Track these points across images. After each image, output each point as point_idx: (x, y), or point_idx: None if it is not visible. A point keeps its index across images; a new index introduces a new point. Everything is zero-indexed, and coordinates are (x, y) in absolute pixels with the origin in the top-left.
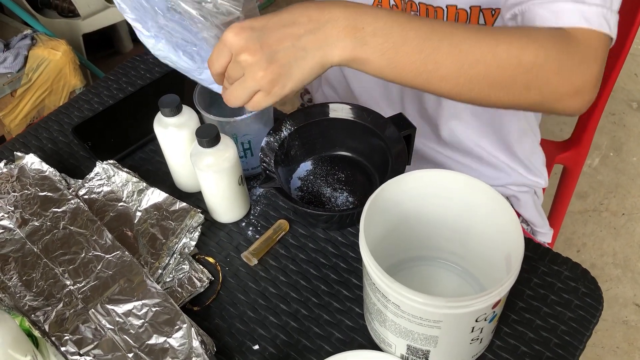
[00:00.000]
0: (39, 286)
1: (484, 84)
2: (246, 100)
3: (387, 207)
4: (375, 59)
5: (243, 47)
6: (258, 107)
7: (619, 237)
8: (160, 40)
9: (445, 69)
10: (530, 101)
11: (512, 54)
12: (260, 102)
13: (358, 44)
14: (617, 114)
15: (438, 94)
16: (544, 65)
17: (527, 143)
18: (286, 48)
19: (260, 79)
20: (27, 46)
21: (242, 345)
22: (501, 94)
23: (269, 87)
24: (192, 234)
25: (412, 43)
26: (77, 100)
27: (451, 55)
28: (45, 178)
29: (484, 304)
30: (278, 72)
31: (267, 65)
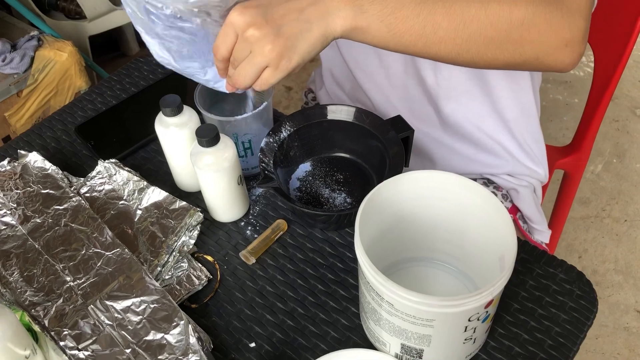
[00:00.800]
0: (39, 282)
1: (480, 43)
2: (254, 78)
3: (383, 208)
4: (375, 26)
5: (249, 22)
6: (267, 83)
7: (620, 243)
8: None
9: (443, 31)
10: (525, 56)
11: (503, 10)
12: (269, 78)
13: (358, 12)
14: (620, 121)
15: (438, 58)
16: (534, 19)
17: (527, 127)
18: (291, 21)
19: (269, 52)
20: (34, 47)
21: (239, 342)
22: (497, 52)
23: (277, 60)
24: (192, 232)
25: (409, 7)
26: (81, 100)
27: (447, 16)
28: (47, 176)
29: (476, 304)
30: (285, 45)
31: (274, 39)
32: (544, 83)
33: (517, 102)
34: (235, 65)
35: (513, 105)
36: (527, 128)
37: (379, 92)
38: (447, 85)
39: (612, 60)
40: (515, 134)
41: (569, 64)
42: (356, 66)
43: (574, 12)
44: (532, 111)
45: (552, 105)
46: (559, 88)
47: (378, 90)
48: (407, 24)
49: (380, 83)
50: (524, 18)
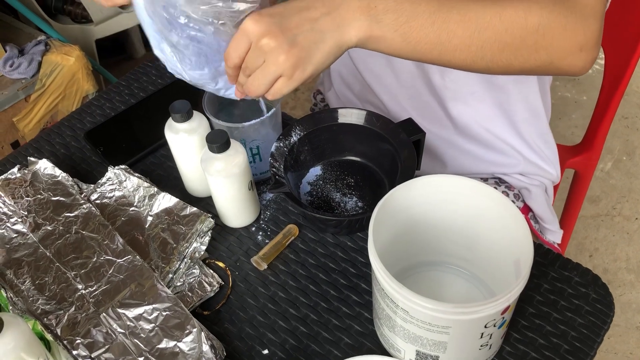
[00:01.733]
0: (51, 290)
1: (495, 49)
2: (268, 87)
3: (396, 212)
4: (390, 35)
5: (264, 32)
6: (280, 93)
7: (632, 242)
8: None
9: (457, 39)
10: (539, 62)
11: (518, 16)
12: (282, 88)
13: (373, 22)
14: (630, 118)
15: (453, 65)
16: (549, 24)
17: (536, 129)
18: (305, 31)
19: (283, 62)
20: (41, 52)
21: (252, 349)
22: (511, 58)
23: (291, 71)
24: (203, 238)
25: (424, 16)
26: (90, 106)
27: (461, 23)
28: (57, 183)
29: (492, 310)
30: (299, 55)
31: (288, 49)
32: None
33: (526, 104)
34: (247, 73)
35: (521, 107)
36: (536, 130)
37: (388, 93)
38: (455, 88)
39: (623, 57)
40: (524, 136)
41: (582, 68)
42: (365, 67)
43: (588, 16)
44: (541, 112)
45: (560, 103)
46: (568, 85)
47: (387, 91)
48: (421, 32)
49: (389, 84)
50: (539, 24)
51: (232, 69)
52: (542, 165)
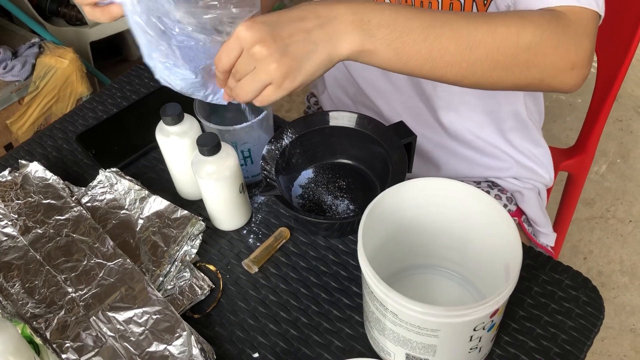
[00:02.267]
0: (41, 293)
1: (486, 66)
2: (256, 94)
3: (386, 215)
4: (383, 50)
5: (257, 39)
6: (268, 100)
7: (626, 244)
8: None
9: (449, 55)
10: (531, 79)
11: (511, 34)
12: (271, 95)
13: (365, 36)
14: (624, 121)
15: (444, 80)
16: (541, 42)
17: (526, 136)
18: (298, 41)
19: (273, 71)
20: (35, 54)
21: (242, 353)
22: (503, 75)
23: (281, 80)
24: (194, 241)
25: (417, 32)
26: (82, 109)
27: (454, 40)
28: (48, 186)
29: (481, 313)
30: (290, 65)
31: (280, 58)
32: None
33: (514, 113)
34: (237, 77)
35: (510, 115)
36: (526, 137)
37: (381, 98)
38: (446, 97)
39: (615, 60)
40: (514, 143)
41: (573, 86)
42: (358, 74)
43: (581, 35)
44: (528, 121)
45: (555, 106)
46: None
47: (381, 97)
48: (414, 48)
49: (382, 90)
50: (531, 42)
51: (222, 73)
52: (535, 168)
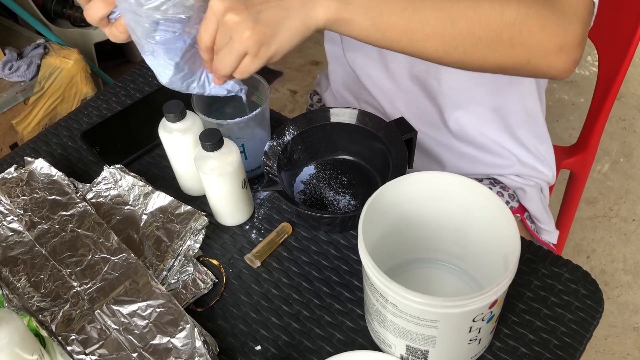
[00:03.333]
0: (46, 287)
1: (468, 41)
2: (235, 65)
3: (386, 209)
4: (359, 19)
5: (228, 7)
6: (246, 71)
7: (629, 243)
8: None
9: (430, 27)
10: (516, 59)
11: (494, 9)
12: (249, 66)
13: (341, 4)
14: (627, 120)
15: (424, 55)
16: (526, 20)
17: (533, 131)
18: (271, 8)
19: (247, 39)
20: (40, 55)
21: (245, 345)
22: (486, 52)
23: (256, 48)
24: (197, 236)
25: (395, 1)
26: (86, 107)
27: (434, 12)
28: (54, 182)
29: (480, 304)
30: (264, 32)
31: (253, 25)
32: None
33: (523, 107)
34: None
35: (519, 110)
36: (533, 132)
37: (385, 96)
38: (452, 93)
39: (616, 58)
40: (521, 138)
41: (563, 70)
42: (362, 72)
43: (570, 17)
44: (538, 115)
45: (558, 105)
46: (565, 88)
47: (384, 95)
48: (391, 18)
49: (386, 88)
50: (515, 19)
51: (205, 51)
52: (538, 166)
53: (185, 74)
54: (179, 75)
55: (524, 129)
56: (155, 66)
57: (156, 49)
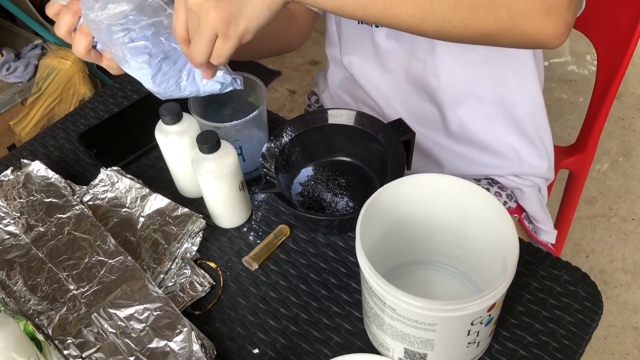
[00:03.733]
0: (43, 291)
1: (446, 4)
2: (208, 50)
3: (384, 212)
4: None
5: None
6: (221, 54)
7: (628, 242)
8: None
9: None
10: (501, 23)
11: None
12: (222, 49)
13: None
14: (626, 119)
15: (400, 23)
16: None
17: (537, 120)
18: None
19: (213, 19)
20: (37, 56)
21: (242, 349)
22: (467, 15)
23: (224, 27)
24: (194, 239)
25: None
26: (83, 108)
27: None
28: (50, 185)
29: (478, 307)
30: (229, 10)
31: (216, 4)
32: (548, 82)
33: (527, 97)
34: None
35: (523, 100)
36: (537, 121)
37: (383, 98)
38: (452, 90)
39: (615, 58)
40: (527, 129)
41: (554, 35)
42: (360, 74)
43: None
44: (541, 104)
45: (557, 105)
46: (564, 87)
47: (382, 97)
48: None
49: (384, 90)
50: None
51: (183, 44)
52: (537, 162)
53: (166, 73)
54: (160, 75)
55: (529, 120)
56: (134, 72)
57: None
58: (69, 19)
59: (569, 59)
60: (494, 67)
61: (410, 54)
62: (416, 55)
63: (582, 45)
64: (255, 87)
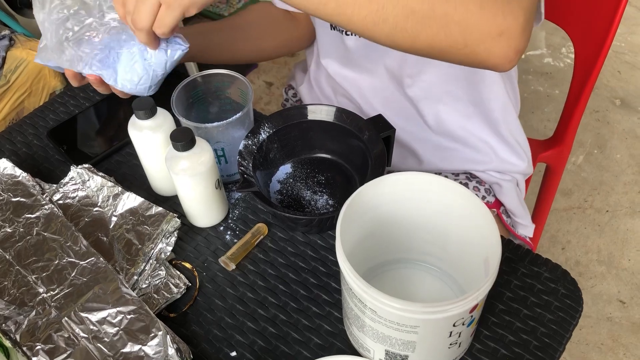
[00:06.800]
0: (10, 294)
1: (399, 13)
2: (151, 17)
3: (365, 210)
4: None
5: None
6: (164, 24)
7: (603, 234)
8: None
9: None
10: (451, 40)
11: None
12: (165, 17)
13: None
14: (600, 111)
15: (351, 24)
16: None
17: (510, 120)
18: None
19: None
20: (5, 47)
21: (220, 352)
22: (419, 27)
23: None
24: (169, 239)
25: None
26: (53, 103)
27: None
28: (18, 183)
29: (461, 309)
30: None
31: None
32: (525, 74)
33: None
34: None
35: (498, 102)
36: (511, 123)
37: (361, 95)
38: (427, 88)
39: (592, 51)
40: (502, 132)
41: (503, 59)
42: (336, 72)
43: (514, 4)
44: (516, 106)
45: (533, 97)
46: (540, 79)
47: (360, 94)
48: None
49: (361, 87)
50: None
51: (124, 17)
52: (515, 160)
53: (111, 52)
54: (104, 56)
55: (503, 122)
56: (96, 68)
57: (70, 47)
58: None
59: (545, 51)
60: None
61: (384, 53)
62: (390, 55)
63: (558, 38)
64: (242, 86)
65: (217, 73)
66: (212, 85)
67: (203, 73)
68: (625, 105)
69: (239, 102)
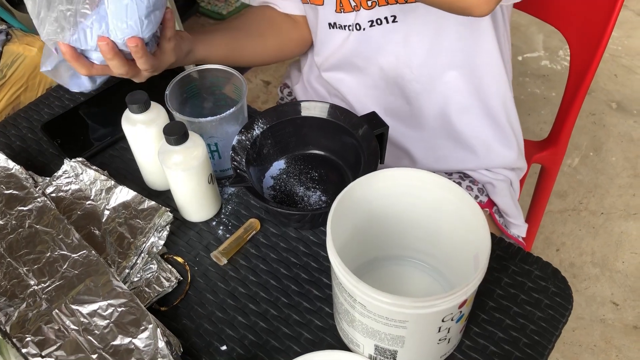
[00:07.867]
0: (1, 286)
1: None
2: None
3: (356, 206)
4: None
5: None
6: None
7: (597, 236)
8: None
9: None
10: None
11: None
12: None
13: None
14: (597, 114)
15: None
16: None
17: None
18: None
19: None
20: (2, 42)
21: (210, 345)
22: None
23: None
24: (161, 233)
25: None
26: (48, 97)
27: None
28: (11, 176)
29: (449, 304)
30: None
31: None
32: (522, 77)
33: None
34: None
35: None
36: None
37: (354, 95)
38: (427, 79)
39: (587, 54)
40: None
41: (482, 2)
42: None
43: None
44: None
45: (529, 99)
46: (537, 82)
47: (353, 93)
48: None
49: (354, 87)
50: None
51: None
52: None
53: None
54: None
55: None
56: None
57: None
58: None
59: (542, 54)
60: (465, 56)
61: (380, 51)
62: (387, 50)
63: (555, 40)
64: (235, 81)
65: (212, 68)
66: (207, 81)
67: (198, 68)
68: (621, 109)
69: (234, 98)
